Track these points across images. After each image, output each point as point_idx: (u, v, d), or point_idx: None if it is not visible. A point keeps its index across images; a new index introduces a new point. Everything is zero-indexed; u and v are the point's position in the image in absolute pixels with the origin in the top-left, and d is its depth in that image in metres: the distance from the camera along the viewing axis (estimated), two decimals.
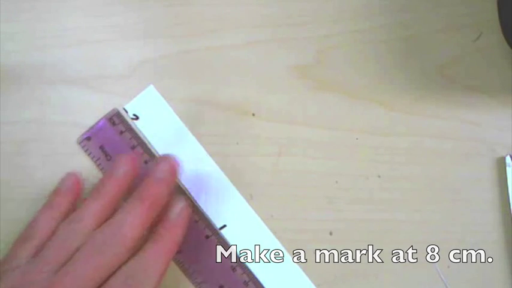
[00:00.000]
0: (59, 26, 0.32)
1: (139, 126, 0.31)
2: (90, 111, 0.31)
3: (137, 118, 0.31)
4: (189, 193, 0.30)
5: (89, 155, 0.30)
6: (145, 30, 0.32)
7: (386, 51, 0.32)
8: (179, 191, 0.30)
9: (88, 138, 0.30)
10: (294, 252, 0.30)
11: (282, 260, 0.30)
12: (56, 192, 0.28)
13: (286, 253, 0.30)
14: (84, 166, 0.30)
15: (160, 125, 0.31)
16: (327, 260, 0.30)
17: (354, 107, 0.32)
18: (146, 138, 0.31)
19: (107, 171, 0.29)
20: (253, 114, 0.31)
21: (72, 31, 0.32)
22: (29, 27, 0.31)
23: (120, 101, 0.31)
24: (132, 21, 0.32)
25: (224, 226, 0.30)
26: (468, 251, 0.30)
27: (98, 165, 0.30)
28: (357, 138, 0.31)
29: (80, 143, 0.30)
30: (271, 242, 0.30)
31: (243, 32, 0.32)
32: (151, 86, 0.31)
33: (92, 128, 0.30)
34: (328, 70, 0.32)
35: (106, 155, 0.30)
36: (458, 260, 0.30)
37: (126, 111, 0.31)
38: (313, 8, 0.33)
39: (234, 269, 0.29)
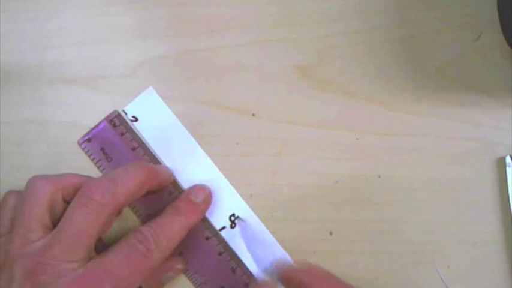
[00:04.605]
0: (59, 26, 0.32)
1: (139, 127, 0.31)
2: (90, 111, 0.31)
3: (136, 120, 0.31)
4: None
5: (89, 156, 0.30)
6: (145, 30, 0.32)
7: (386, 51, 0.32)
8: (179, 191, 0.30)
9: (88, 140, 0.30)
10: (294, 252, 0.30)
11: (282, 260, 0.30)
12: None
13: (286, 254, 0.30)
14: (85, 166, 0.30)
15: (159, 127, 0.31)
16: (327, 260, 0.30)
17: (354, 107, 0.32)
18: (146, 139, 0.31)
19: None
20: (253, 114, 0.31)
21: (72, 31, 0.32)
22: (29, 27, 0.31)
23: (120, 101, 0.31)
24: (132, 21, 0.32)
25: (224, 227, 0.30)
26: (468, 251, 0.30)
27: (99, 167, 0.30)
28: (356, 138, 0.31)
29: (80, 144, 0.30)
30: (271, 242, 0.30)
31: (243, 32, 0.32)
32: (151, 88, 0.31)
33: (92, 129, 0.30)
34: (328, 70, 0.32)
35: (107, 156, 0.30)
36: (458, 260, 0.30)
37: (125, 113, 0.31)
38: (313, 8, 0.33)
39: (234, 270, 0.29)
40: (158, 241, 0.25)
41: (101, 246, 0.28)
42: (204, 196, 0.29)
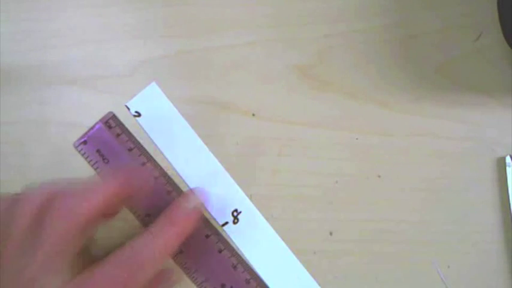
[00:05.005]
0: (59, 26, 0.32)
1: (142, 122, 0.31)
2: (90, 111, 0.31)
3: (139, 115, 0.31)
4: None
5: (86, 158, 0.30)
6: (145, 30, 0.32)
7: (386, 51, 0.32)
8: (178, 191, 0.30)
9: (84, 142, 0.30)
10: (294, 252, 0.30)
11: (284, 258, 0.30)
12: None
13: (289, 250, 0.30)
14: (84, 166, 0.30)
15: (162, 122, 0.31)
16: (327, 260, 0.30)
17: (354, 107, 0.32)
18: (148, 134, 0.31)
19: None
20: (253, 114, 0.31)
21: (72, 31, 0.32)
22: (29, 27, 0.31)
23: (120, 101, 0.31)
24: (132, 21, 0.32)
25: (227, 223, 0.30)
26: (468, 251, 0.30)
27: (96, 169, 0.30)
28: (356, 138, 0.31)
29: (76, 147, 0.30)
30: (273, 239, 0.30)
31: (243, 32, 0.32)
32: (154, 83, 0.31)
33: (87, 131, 0.30)
34: (328, 70, 0.32)
35: (103, 158, 0.30)
36: (458, 260, 0.30)
37: (128, 108, 0.31)
38: (313, 8, 0.33)
39: (235, 267, 0.29)
40: (149, 254, 0.24)
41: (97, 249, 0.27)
42: (197, 202, 0.28)
